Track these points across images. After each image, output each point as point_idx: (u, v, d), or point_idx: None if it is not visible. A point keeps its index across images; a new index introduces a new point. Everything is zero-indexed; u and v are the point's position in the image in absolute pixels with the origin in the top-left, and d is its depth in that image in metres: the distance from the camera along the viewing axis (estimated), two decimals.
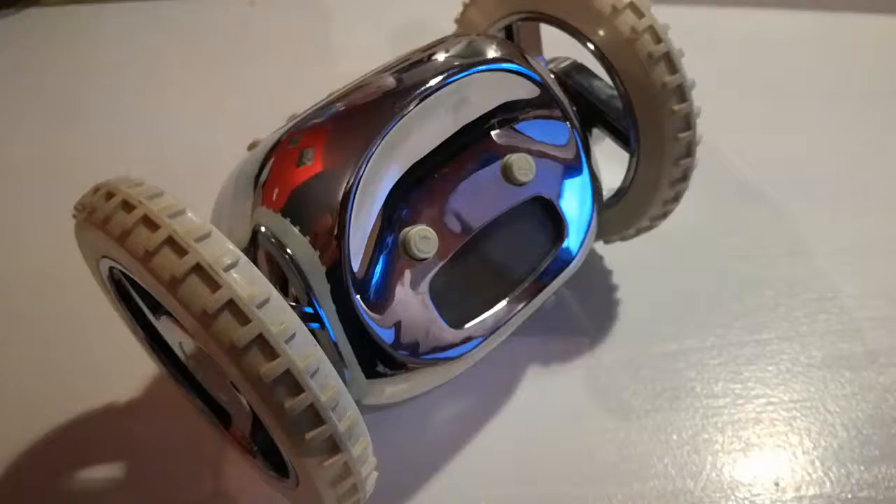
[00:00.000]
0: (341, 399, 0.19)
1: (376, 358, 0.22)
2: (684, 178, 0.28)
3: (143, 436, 0.28)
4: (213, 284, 0.17)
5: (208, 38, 0.50)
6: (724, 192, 0.38)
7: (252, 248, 0.22)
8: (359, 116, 0.23)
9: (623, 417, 0.28)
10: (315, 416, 0.18)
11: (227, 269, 0.18)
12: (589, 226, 0.27)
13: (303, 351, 0.18)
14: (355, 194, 0.22)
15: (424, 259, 0.23)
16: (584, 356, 0.30)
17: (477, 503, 0.26)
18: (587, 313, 0.32)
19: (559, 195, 0.26)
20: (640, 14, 0.26)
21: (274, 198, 0.22)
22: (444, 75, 0.24)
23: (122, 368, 0.29)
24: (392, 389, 0.24)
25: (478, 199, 0.24)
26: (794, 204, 0.37)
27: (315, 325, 0.22)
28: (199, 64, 0.47)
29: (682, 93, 0.26)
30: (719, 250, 0.35)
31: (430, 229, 0.23)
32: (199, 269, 0.18)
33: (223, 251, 0.18)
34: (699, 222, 0.35)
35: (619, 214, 0.30)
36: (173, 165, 0.38)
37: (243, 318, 0.17)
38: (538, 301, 0.26)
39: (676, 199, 0.29)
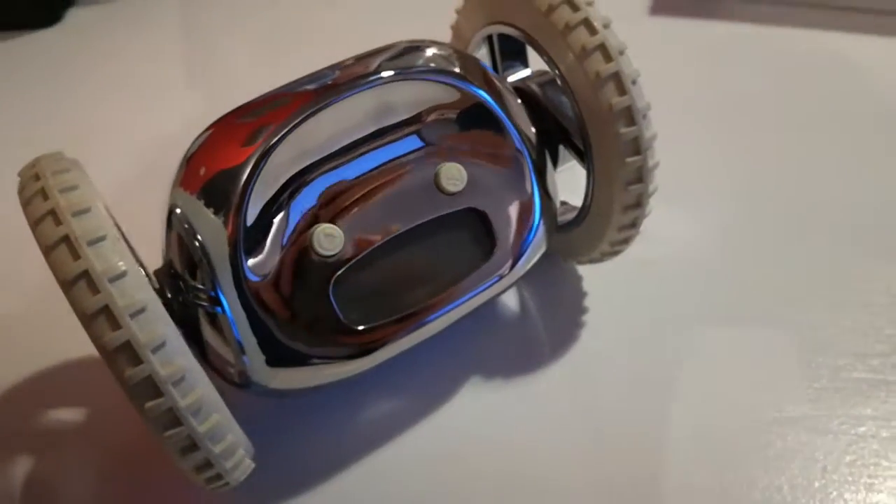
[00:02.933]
0: (188, 375, 0.20)
1: (273, 347, 0.23)
2: (638, 204, 0.27)
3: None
4: (76, 255, 0.19)
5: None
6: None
7: (168, 227, 0.24)
8: (274, 108, 0.24)
9: (553, 447, 0.28)
10: (154, 388, 0.19)
11: (92, 243, 0.20)
12: (529, 244, 0.27)
13: (148, 326, 0.19)
14: (253, 185, 0.23)
15: (328, 256, 0.24)
16: (530, 375, 0.30)
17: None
18: (549, 333, 0.31)
19: (496, 210, 0.26)
20: (592, 31, 0.25)
21: (189, 179, 0.24)
22: (372, 78, 0.25)
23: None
24: (296, 377, 0.25)
25: (401, 204, 0.25)
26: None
27: (219, 310, 0.23)
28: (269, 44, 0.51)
29: (630, 116, 0.25)
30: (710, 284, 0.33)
31: (337, 228, 0.24)
32: (66, 240, 0.20)
33: (94, 227, 0.20)
34: (693, 252, 0.34)
35: (581, 236, 0.29)
36: None
37: (94, 289, 0.19)
38: (457, 314, 0.26)
39: (634, 225, 0.27)
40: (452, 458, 0.27)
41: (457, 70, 0.26)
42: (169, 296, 0.24)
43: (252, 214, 0.23)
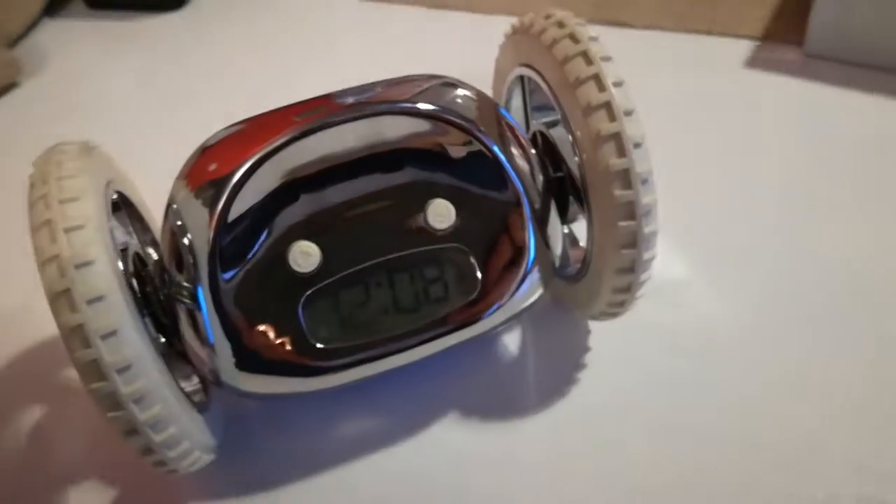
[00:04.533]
0: (135, 365, 0.21)
1: (241, 352, 0.24)
2: (631, 269, 0.25)
3: None
4: (52, 239, 0.21)
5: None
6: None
7: (164, 220, 0.25)
8: (281, 120, 0.25)
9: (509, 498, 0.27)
10: (98, 371, 0.21)
11: (69, 230, 0.21)
12: (515, 291, 0.26)
13: (102, 314, 0.21)
14: (239, 192, 0.24)
15: (303, 273, 0.25)
16: (508, 422, 0.29)
17: None
18: (539, 382, 0.30)
19: (483, 253, 0.26)
20: (601, 88, 0.24)
21: (191, 174, 0.25)
22: (381, 107, 0.25)
23: None
24: (263, 384, 0.25)
25: (384, 233, 0.25)
26: None
27: (197, 308, 0.24)
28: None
29: (626, 179, 0.24)
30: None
31: (315, 246, 0.24)
32: (48, 223, 0.21)
33: (76, 215, 0.22)
34: (715, 327, 0.32)
35: (582, 291, 0.28)
36: None
37: (61, 273, 0.21)
38: (426, 350, 0.26)
39: (629, 290, 0.26)
40: (413, 486, 0.27)
41: (469, 113, 0.26)
42: (149, 289, 0.25)
43: (234, 220, 0.24)
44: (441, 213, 0.25)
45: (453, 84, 0.28)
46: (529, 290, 0.27)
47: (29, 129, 0.49)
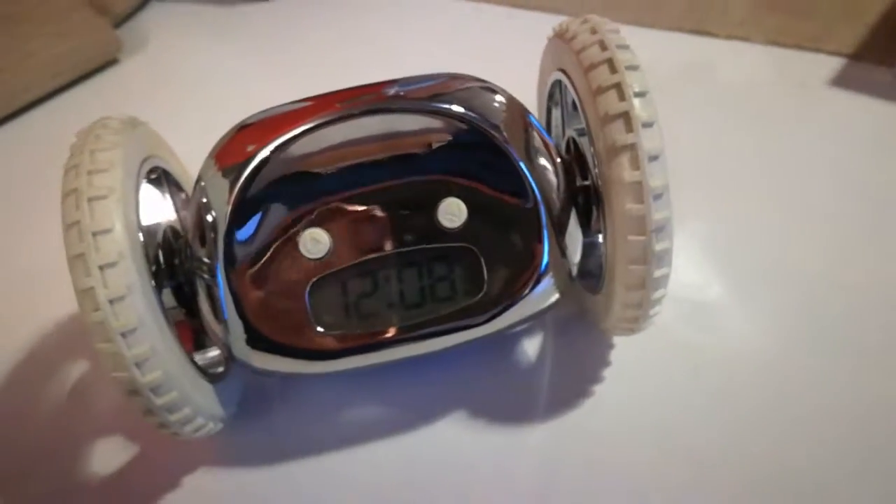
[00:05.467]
0: (140, 330, 0.23)
1: (249, 329, 0.26)
2: (641, 285, 0.25)
3: None
4: (76, 206, 0.23)
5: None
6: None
7: (193, 195, 0.27)
8: (316, 106, 0.26)
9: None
10: (105, 333, 0.22)
11: (92, 199, 0.23)
12: (524, 297, 0.26)
13: (112, 279, 0.22)
14: (259, 174, 0.25)
15: (312, 259, 0.25)
16: (512, 429, 0.29)
17: None
18: (551, 393, 0.30)
19: (492, 255, 0.26)
20: (621, 97, 0.24)
21: (221, 153, 0.26)
22: (408, 105, 0.26)
23: None
24: (271, 362, 0.26)
25: (395, 227, 0.26)
26: None
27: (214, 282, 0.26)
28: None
29: (638, 193, 0.23)
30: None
31: (326, 234, 0.25)
32: (75, 191, 0.23)
33: (101, 185, 0.23)
34: (747, 356, 0.30)
35: (599, 302, 0.28)
36: None
37: (80, 238, 0.22)
38: (428, 347, 0.26)
39: (640, 306, 0.26)
40: (409, 476, 0.28)
41: (495, 118, 0.26)
42: (177, 261, 0.27)
43: (251, 201, 0.25)
44: (452, 212, 0.25)
45: (489, 88, 0.28)
46: (540, 297, 0.27)
47: (124, 102, 0.52)
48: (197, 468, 0.29)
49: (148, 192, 0.29)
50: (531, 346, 0.32)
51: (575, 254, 0.27)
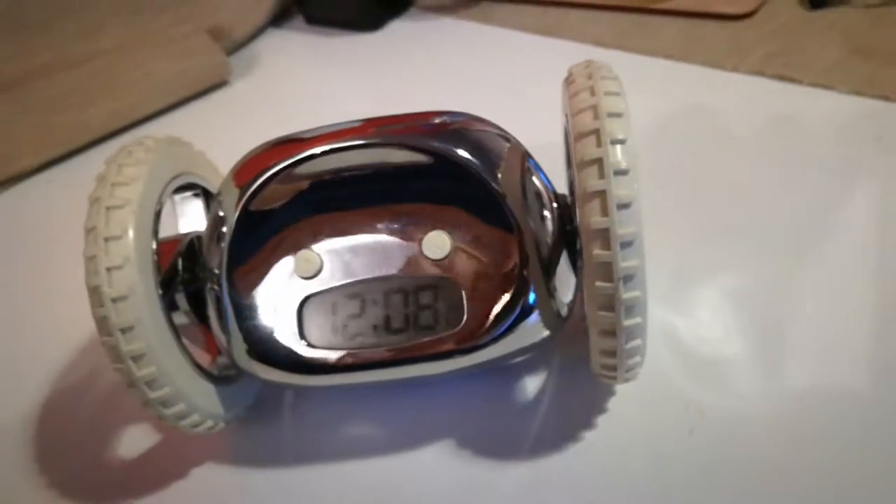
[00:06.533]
0: (138, 327, 0.25)
1: (248, 340, 0.28)
2: (612, 333, 0.25)
3: None
4: (96, 213, 0.26)
5: None
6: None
7: (211, 207, 0.29)
8: (320, 134, 0.28)
9: None
10: (107, 328, 0.25)
11: (109, 208, 0.26)
12: (504, 333, 0.27)
13: (117, 280, 0.25)
14: (255, 196, 0.27)
15: (304, 278, 0.27)
16: (492, 465, 0.29)
17: None
18: (539, 434, 0.30)
19: (474, 290, 0.27)
20: (598, 143, 0.24)
21: (238, 168, 0.28)
22: (407, 141, 0.27)
23: None
24: (269, 373, 0.28)
25: (384, 254, 0.27)
26: None
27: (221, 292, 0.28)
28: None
29: (605, 240, 0.23)
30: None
31: (318, 255, 0.27)
32: (98, 200, 0.26)
33: (120, 196, 0.26)
34: (765, 426, 0.29)
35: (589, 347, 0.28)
36: None
37: (94, 241, 0.25)
38: (408, 372, 0.27)
39: (614, 354, 0.25)
40: (380, 499, 0.29)
41: (491, 159, 0.27)
42: (198, 269, 0.29)
43: (253, 218, 0.27)
44: (436, 245, 0.27)
45: (495, 132, 0.28)
46: (524, 334, 0.27)
47: (227, 120, 0.57)
48: (205, 462, 0.31)
49: (184, 206, 0.32)
50: (532, 384, 0.32)
51: (566, 294, 0.28)
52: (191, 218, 0.33)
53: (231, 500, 0.30)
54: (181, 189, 0.33)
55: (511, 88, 0.53)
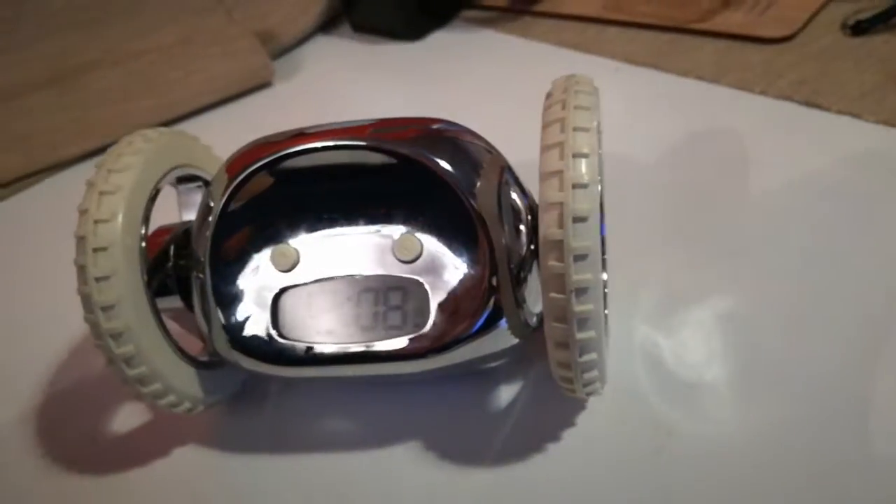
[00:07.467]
0: (118, 307, 0.27)
1: (227, 329, 0.29)
2: (566, 345, 0.25)
3: None
4: (90, 198, 0.27)
5: None
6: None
7: (203, 196, 0.31)
8: (303, 135, 0.29)
9: None
10: (89, 305, 0.27)
11: (102, 193, 0.27)
12: (467, 339, 0.27)
13: (101, 261, 0.27)
14: (239, 189, 0.28)
15: (280, 271, 0.28)
16: (454, 470, 0.30)
17: None
18: (504, 444, 0.30)
19: (442, 293, 0.27)
20: (561, 156, 0.24)
21: (231, 160, 0.29)
22: (384, 145, 0.28)
23: None
24: (245, 363, 0.29)
25: (358, 252, 0.28)
26: None
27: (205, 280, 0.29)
28: None
29: (559, 251, 0.23)
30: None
31: (294, 250, 0.28)
32: (93, 185, 0.28)
33: (114, 183, 0.28)
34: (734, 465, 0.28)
35: None
36: None
37: (85, 223, 0.27)
38: (375, 370, 0.28)
39: (569, 367, 0.25)
40: (341, 494, 0.30)
41: (466, 167, 0.27)
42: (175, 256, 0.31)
43: (237, 210, 0.28)
44: (406, 247, 0.27)
45: (478, 143, 0.29)
46: (488, 341, 0.27)
47: (266, 120, 0.58)
48: (188, 443, 0.33)
49: (188, 197, 0.34)
50: (506, 393, 0.32)
51: (536, 305, 0.28)
52: (193, 209, 0.35)
53: (206, 479, 0.31)
54: (186, 181, 0.34)
55: (539, 101, 0.53)
